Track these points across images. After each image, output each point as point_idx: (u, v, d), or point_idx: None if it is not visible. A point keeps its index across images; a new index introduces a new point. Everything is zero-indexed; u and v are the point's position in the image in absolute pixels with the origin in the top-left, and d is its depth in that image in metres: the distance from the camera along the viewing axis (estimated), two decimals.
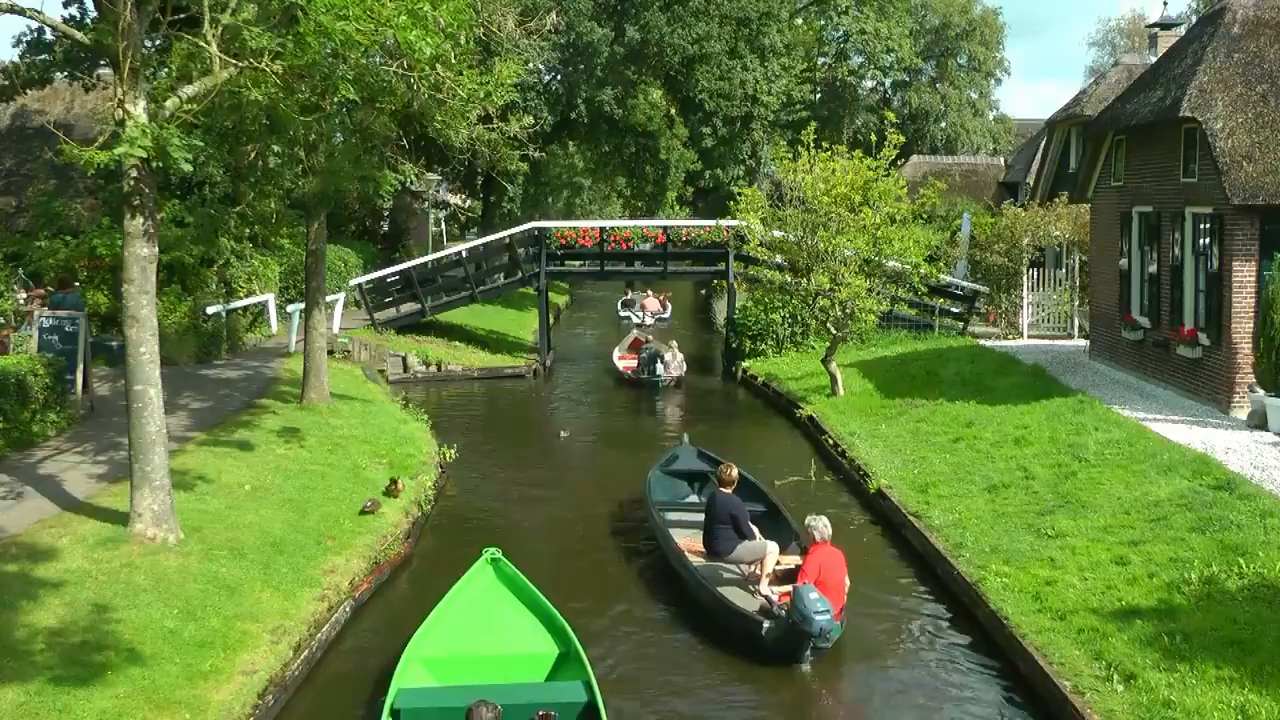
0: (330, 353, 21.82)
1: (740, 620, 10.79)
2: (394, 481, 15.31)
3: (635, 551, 13.88)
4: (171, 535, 11.83)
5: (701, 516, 12.87)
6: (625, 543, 14.25)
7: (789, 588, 10.88)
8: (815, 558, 10.96)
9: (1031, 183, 34.29)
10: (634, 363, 27.71)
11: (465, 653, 9.78)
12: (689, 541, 12.75)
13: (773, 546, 12.02)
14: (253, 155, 14.99)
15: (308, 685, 10.18)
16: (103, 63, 15.99)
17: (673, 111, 44.52)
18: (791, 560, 11.79)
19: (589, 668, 9.29)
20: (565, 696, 8.67)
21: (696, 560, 12.23)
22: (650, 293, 41.36)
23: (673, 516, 13.90)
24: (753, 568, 11.96)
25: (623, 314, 41.54)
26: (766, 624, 10.49)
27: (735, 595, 11.46)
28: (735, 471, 12.96)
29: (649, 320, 39.51)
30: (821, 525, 11.27)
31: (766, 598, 11.26)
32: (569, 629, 10.04)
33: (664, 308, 41.45)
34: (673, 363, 26.58)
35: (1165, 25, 30.12)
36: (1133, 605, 10.36)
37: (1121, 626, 9.97)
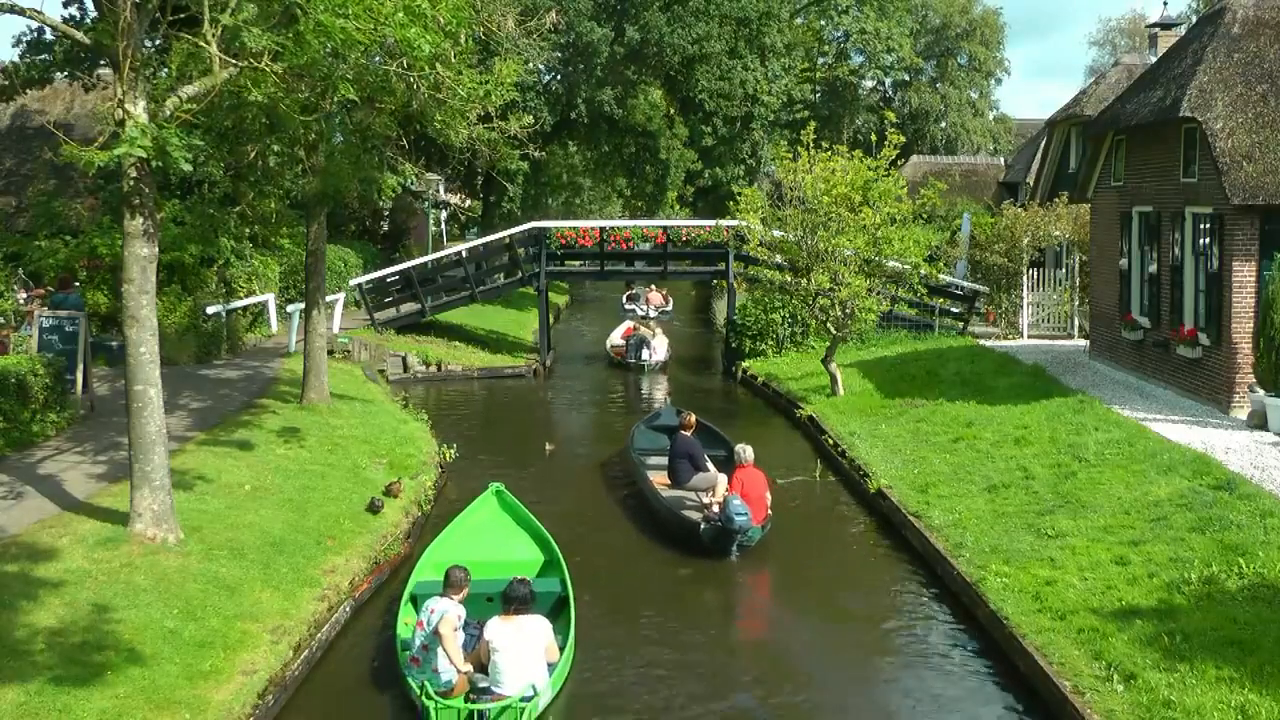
0: (330, 353, 21.80)
1: (685, 526, 14.00)
2: (394, 481, 15.32)
3: (620, 501, 16.45)
4: (171, 535, 11.83)
5: None
6: (613, 503, 16.59)
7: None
8: (739, 475, 14.28)
9: (1031, 183, 34.30)
10: (624, 347, 30.72)
11: (470, 558, 11.46)
12: (660, 477, 15.88)
13: (721, 477, 14.76)
14: (253, 155, 14.97)
15: (308, 684, 10.20)
16: (103, 63, 15.99)
17: (673, 111, 44.51)
18: None
19: (565, 570, 12.01)
20: (544, 589, 11.17)
21: (662, 489, 15.41)
22: (654, 287, 42.87)
23: (650, 460, 16.96)
24: (707, 493, 14.58)
25: (628, 307, 42.98)
26: (703, 526, 13.66)
27: (685, 511, 14.46)
28: (693, 418, 16.43)
29: (653, 313, 41.73)
30: (747, 453, 14.64)
31: (712, 508, 13.98)
32: (553, 543, 12.78)
33: (666, 301, 43.91)
34: (658, 348, 29.91)
35: (1165, 25, 30.15)
36: (1133, 605, 10.36)
37: (1121, 626, 9.97)
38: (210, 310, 24.16)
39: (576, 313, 46.66)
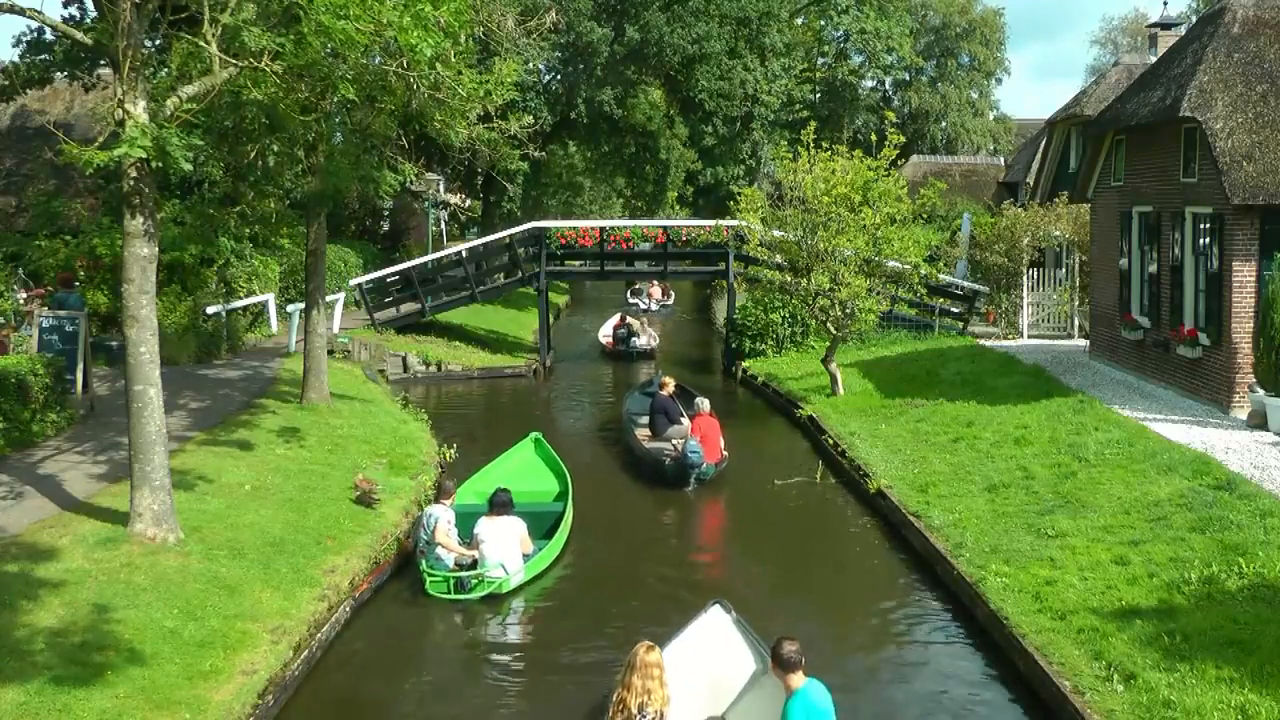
0: (330, 353, 21.80)
1: (654, 463, 17.42)
2: (366, 480, 15.17)
3: (614, 453, 19.69)
4: (171, 535, 11.83)
5: None
6: (609, 455, 19.74)
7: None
8: (697, 422, 17.53)
9: (1031, 183, 34.28)
10: (613, 338, 33.09)
11: (500, 488, 13.79)
12: (644, 432, 19.06)
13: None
14: (253, 155, 14.97)
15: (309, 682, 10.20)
16: (103, 63, 15.97)
17: (673, 111, 44.51)
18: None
19: (571, 498, 15.04)
20: (550, 509, 14.72)
21: (644, 440, 18.66)
22: (655, 282, 44.50)
23: (640, 420, 19.82)
24: (680, 441, 17.63)
25: (631, 301, 44.98)
26: (668, 463, 17.05)
27: (656, 453, 17.76)
28: (670, 381, 19.76)
29: (654, 307, 44.43)
30: (705, 405, 17.83)
31: (677, 448, 17.35)
32: (569, 479, 15.78)
33: (667, 295, 46.93)
34: (645, 337, 32.83)
35: (1165, 25, 30.15)
36: (1133, 605, 10.36)
37: (1121, 626, 9.97)
38: (210, 310, 24.15)
39: (576, 312, 46.68)
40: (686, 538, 15.85)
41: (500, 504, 12.99)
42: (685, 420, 18.54)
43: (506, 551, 12.57)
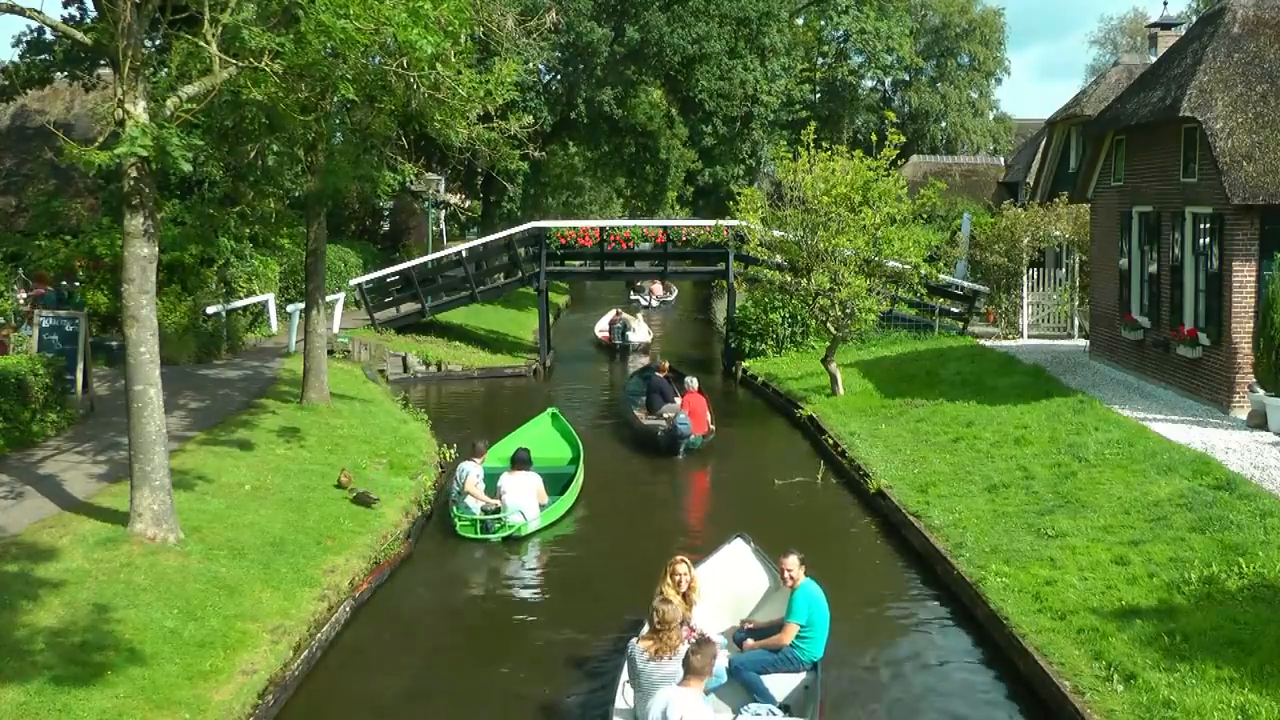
0: (330, 352, 21.81)
1: (649, 433, 19.55)
2: (345, 473, 15.20)
3: (614, 430, 21.74)
4: (171, 535, 11.83)
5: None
6: (611, 432, 21.68)
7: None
8: (687, 398, 19.96)
9: (1031, 183, 34.28)
10: (609, 332, 34.34)
11: (521, 447, 15.73)
12: (641, 411, 21.06)
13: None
14: (253, 155, 14.98)
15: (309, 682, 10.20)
16: (103, 63, 15.98)
17: (673, 111, 44.52)
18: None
19: (582, 463, 17.10)
20: (564, 471, 16.65)
21: (642, 416, 20.74)
22: (656, 280, 45.43)
23: (639, 400, 21.81)
24: (671, 415, 19.39)
25: (633, 297, 46.91)
26: (659, 432, 19.09)
27: (652, 427, 19.67)
28: (666, 364, 22.70)
29: (655, 303, 46.48)
30: (693, 383, 20.32)
31: (668, 422, 19.20)
32: (581, 445, 17.89)
33: (668, 292, 48.93)
34: (639, 331, 34.46)
35: (1165, 25, 30.16)
36: (1133, 605, 10.36)
37: (1121, 626, 9.97)
38: (210, 310, 24.15)
39: (576, 312, 46.68)
40: (680, 509, 17.34)
41: (520, 460, 14.99)
42: (678, 399, 20.54)
43: (525, 501, 14.58)
